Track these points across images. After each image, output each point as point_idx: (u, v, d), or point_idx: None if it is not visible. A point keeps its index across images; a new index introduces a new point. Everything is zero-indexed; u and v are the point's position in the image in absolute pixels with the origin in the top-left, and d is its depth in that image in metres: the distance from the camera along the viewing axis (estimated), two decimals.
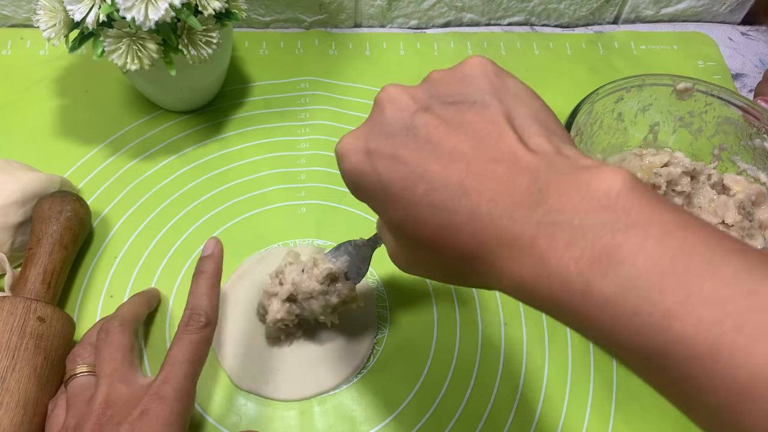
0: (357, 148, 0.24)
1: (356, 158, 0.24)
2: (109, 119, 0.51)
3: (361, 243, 0.37)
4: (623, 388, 0.40)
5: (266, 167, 0.49)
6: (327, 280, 0.37)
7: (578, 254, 0.19)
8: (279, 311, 0.37)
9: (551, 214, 0.20)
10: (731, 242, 0.18)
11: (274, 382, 0.39)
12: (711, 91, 0.45)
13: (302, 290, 0.37)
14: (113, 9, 0.39)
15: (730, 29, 0.64)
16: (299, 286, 0.37)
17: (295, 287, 0.37)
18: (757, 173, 0.45)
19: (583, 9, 0.62)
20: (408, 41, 0.60)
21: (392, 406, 0.39)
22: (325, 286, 0.37)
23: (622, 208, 0.19)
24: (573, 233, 0.19)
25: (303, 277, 0.37)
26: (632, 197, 0.19)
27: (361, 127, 0.25)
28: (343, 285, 0.37)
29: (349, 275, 0.37)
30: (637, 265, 0.18)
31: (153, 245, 0.45)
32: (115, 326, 0.34)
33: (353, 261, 0.37)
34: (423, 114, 0.23)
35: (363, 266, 0.37)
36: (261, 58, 0.57)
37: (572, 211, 0.20)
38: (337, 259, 0.37)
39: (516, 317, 0.43)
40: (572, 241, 0.19)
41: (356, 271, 0.37)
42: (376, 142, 0.24)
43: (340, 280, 0.37)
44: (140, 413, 0.29)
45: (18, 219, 0.41)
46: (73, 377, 0.34)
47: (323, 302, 0.37)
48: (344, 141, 0.25)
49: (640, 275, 0.18)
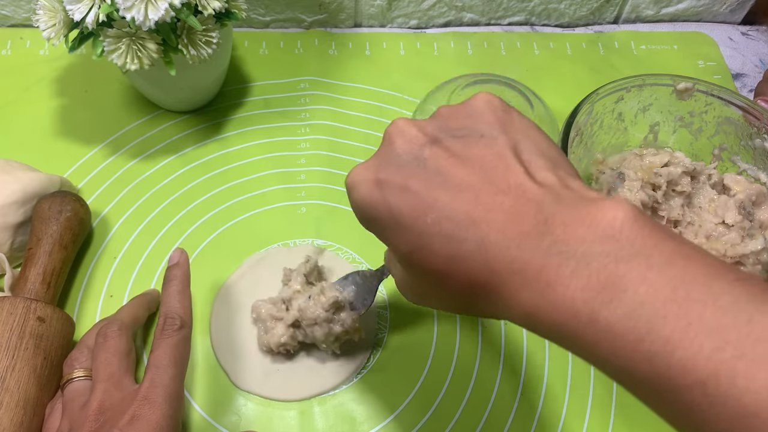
0: (367, 179, 0.25)
1: (366, 189, 0.25)
2: (109, 119, 0.51)
3: (368, 274, 0.38)
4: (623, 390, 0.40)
5: (266, 167, 0.49)
6: (332, 308, 0.37)
7: (583, 283, 0.19)
8: (283, 335, 0.38)
9: (557, 244, 0.20)
10: (732, 272, 0.19)
11: (274, 382, 0.39)
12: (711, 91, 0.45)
13: (307, 316, 0.37)
14: (113, 9, 0.39)
15: (730, 29, 0.64)
16: (305, 312, 0.37)
17: (301, 313, 0.37)
18: (757, 173, 0.45)
19: (583, 9, 0.62)
20: (408, 41, 0.60)
21: (392, 406, 0.39)
22: (330, 314, 0.37)
23: (626, 238, 0.20)
24: (578, 263, 0.20)
25: (309, 304, 0.37)
26: (635, 228, 0.20)
27: (371, 159, 0.26)
28: (347, 315, 0.37)
29: (354, 305, 0.38)
30: (640, 293, 0.18)
31: (153, 245, 0.44)
32: (113, 330, 0.34)
33: (359, 291, 0.38)
34: (432, 146, 0.24)
35: (368, 297, 0.38)
36: (261, 58, 0.57)
37: (577, 241, 0.20)
38: (344, 289, 0.38)
39: None
40: (577, 270, 0.20)
41: (361, 302, 0.38)
42: (386, 173, 0.24)
43: (345, 310, 0.38)
44: (130, 418, 0.29)
45: (18, 219, 0.41)
46: (70, 382, 0.34)
47: (326, 330, 0.37)
48: (354, 172, 0.26)
49: (643, 303, 0.18)
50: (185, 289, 0.36)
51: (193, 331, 0.35)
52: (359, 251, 0.45)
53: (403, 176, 0.24)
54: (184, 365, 0.33)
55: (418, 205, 0.23)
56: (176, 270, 0.36)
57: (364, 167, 0.26)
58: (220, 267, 0.44)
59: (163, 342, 0.32)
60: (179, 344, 0.33)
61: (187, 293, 0.35)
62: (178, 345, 0.33)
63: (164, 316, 0.34)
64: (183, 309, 0.34)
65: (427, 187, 0.23)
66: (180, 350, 0.33)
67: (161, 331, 0.33)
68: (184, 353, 0.33)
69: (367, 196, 0.25)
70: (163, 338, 0.33)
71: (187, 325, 0.34)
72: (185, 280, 0.36)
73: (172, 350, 0.32)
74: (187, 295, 0.35)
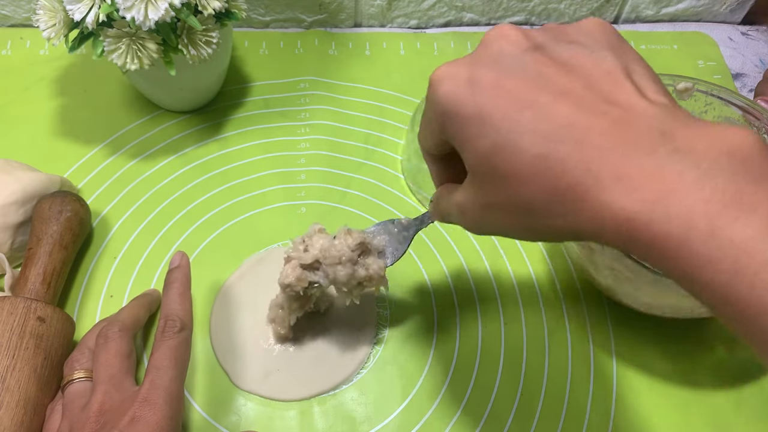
0: (457, 75, 0.23)
1: (454, 84, 0.23)
2: (109, 119, 0.51)
3: (405, 222, 0.36)
4: (623, 387, 0.40)
5: (266, 167, 0.49)
6: (359, 249, 0.35)
7: (708, 195, 0.18)
8: (289, 276, 0.35)
9: (678, 152, 0.19)
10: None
11: (274, 382, 0.39)
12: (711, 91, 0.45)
13: (331, 254, 0.35)
14: (113, 9, 0.39)
15: (730, 29, 0.64)
16: (329, 250, 0.35)
17: (324, 252, 0.35)
18: None
19: (583, 9, 0.62)
20: (408, 41, 0.60)
21: (392, 406, 0.39)
22: (355, 255, 0.35)
23: (755, 161, 0.18)
24: (702, 174, 0.18)
25: (333, 243, 0.35)
26: (764, 154, 0.19)
27: (464, 57, 0.24)
28: (374, 261, 0.35)
29: (383, 255, 0.36)
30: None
31: (153, 245, 0.45)
32: (114, 332, 0.34)
33: (391, 241, 0.36)
34: (536, 52, 0.22)
35: (401, 248, 0.36)
36: (261, 58, 0.57)
37: (702, 152, 0.19)
38: (374, 237, 0.36)
39: (516, 317, 0.43)
40: (701, 180, 0.18)
41: (392, 252, 0.36)
42: (480, 71, 0.23)
43: (371, 255, 0.35)
44: (131, 420, 0.29)
45: (18, 219, 0.41)
46: (70, 383, 0.34)
47: (350, 271, 0.35)
48: (443, 68, 0.24)
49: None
50: (186, 292, 0.36)
51: (193, 331, 0.35)
52: None
53: (498, 75, 0.22)
54: (184, 367, 0.33)
55: (511, 103, 0.21)
56: (177, 273, 0.36)
57: (454, 63, 0.24)
58: (220, 267, 0.44)
59: (163, 344, 0.33)
60: (179, 346, 0.33)
61: (187, 296, 0.36)
62: (178, 347, 0.33)
63: (165, 318, 0.34)
64: (183, 311, 0.34)
65: (525, 87, 0.21)
66: (180, 352, 0.33)
67: (162, 333, 0.33)
68: (185, 355, 0.33)
69: (453, 92, 0.23)
70: (163, 340, 0.33)
71: (187, 327, 0.34)
72: (186, 283, 0.36)
73: (173, 352, 0.32)
74: (187, 297, 0.35)
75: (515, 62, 0.22)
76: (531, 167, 0.21)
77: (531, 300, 0.44)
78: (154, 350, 0.32)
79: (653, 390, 0.40)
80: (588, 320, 0.43)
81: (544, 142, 0.21)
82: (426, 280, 0.44)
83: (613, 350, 0.42)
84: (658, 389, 0.40)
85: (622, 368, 0.41)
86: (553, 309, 0.43)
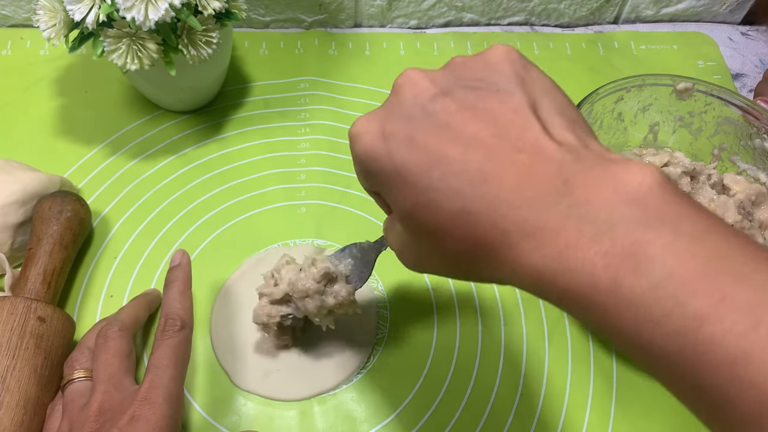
0: (371, 131, 0.24)
1: (370, 140, 0.23)
2: (109, 119, 0.51)
3: (366, 246, 0.37)
4: (623, 387, 0.40)
5: (266, 167, 0.49)
6: (324, 279, 0.36)
7: (606, 249, 0.18)
8: (260, 315, 0.37)
9: (578, 205, 0.19)
10: (762, 250, 0.17)
11: (274, 382, 0.39)
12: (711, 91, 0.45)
13: (298, 289, 0.36)
14: (113, 9, 0.39)
15: (730, 29, 0.64)
16: (295, 284, 0.36)
17: (291, 286, 0.36)
18: (757, 173, 0.45)
19: (583, 9, 0.62)
20: (408, 41, 0.60)
21: (392, 406, 0.39)
22: (321, 285, 0.36)
23: (653, 204, 0.18)
24: (600, 226, 0.18)
25: (299, 276, 0.36)
26: (664, 195, 0.18)
27: (377, 109, 0.24)
28: (341, 287, 0.36)
29: (350, 279, 0.37)
30: (668, 264, 0.17)
31: (153, 245, 0.45)
32: (113, 331, 0.34)
33: (357, 265, 0.37)
34: (443, 98, 0.22)
35: (366, 270, 0.37)
36: (261, 58, 0.57)
37: (600, 203, 0.19)
38: (340, 262, 0.36)
39: (516, 317, 0.43)
40: (600, 234, 0.18)
41: (358, 275, 0.37)
42: (392, 125, 0.23)
43: (338, 282, 0.36)
44: (130, 419, 0.29)
45: (18, 219, 0.41)
46: (70, 383, 0.34)
47: (318, 302, 0.36)
48: (358, 123, 0.24)
49: (671, 274, 0.17)
50: (186, 291, 0.36)
51: (193, 331, 0.35)
52: None
53: (410, 129, 0.22)
54: (184, 366, 0.33)
55: (424, 159, 0.21)
56: (178, 271, 0.36)
57: (368, 118, 0.24)
58: (220, 267, 0.44)
59: (163, 343, 0.33)
60: (179, 345, 0.33)
61: (188, 294, 0.35)
62: (178, 346, 0.33)
63: (165, 316, 0.34)
64: (184, 310, 0.34)
65: (436, 141, 0.21)
66: (180, 351, 0.33)
67: (162, 332, 0.33)
68: (185, 354, 0.33)
69: (370, 149, 0.23)
70: (163, 339, 0.33)
71: (187, 326, 0.34)
72: (186, 282, 0.36)
73: (173, 351, 0.32)
74: (188, 296, 0.35)
75: (424, 113, 0.22)
76: (450, 223, 0.21)
77: (531, 300, 0.44)
78: (154, 349, 0.32)
79: (653, 390, 0.40)
80: None
81: (458, 199, 0.21)
82: (426, 280, 0.44)
83: (613, 350, 0.42)
84: (658, 389, 0.40)
85: (622, 368, 0.41)
86: (552, 309, 0.43)
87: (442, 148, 0.21)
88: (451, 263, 0.23)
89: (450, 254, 0.23)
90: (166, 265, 0.43)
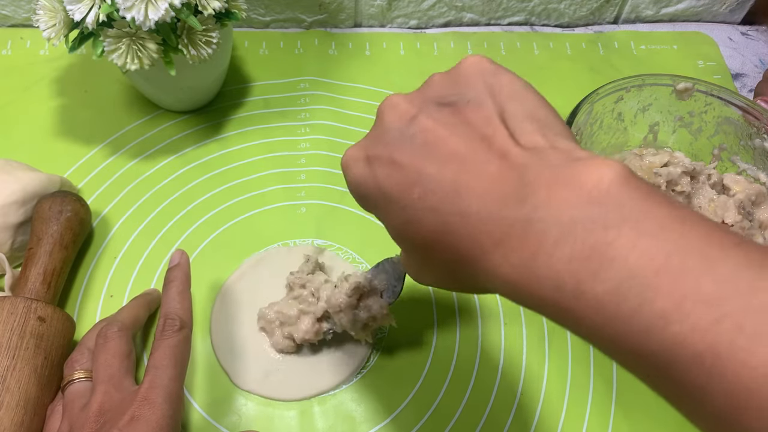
0: (358, 158, 0.25)
1: (357, 168, 0.25)
2: (109, 119, 0.51)
3: (396, 260, 0.37)
4: (623, 387, 0.40)
5: (266, 167, 0.49)
6: (355, 293, 0.37)
7: (568, 253, 0.18)
8: (309, 332, 0.38)
9: (538, 209, 0.19)
10: (730, 237, 0.17)
11: (274, 382, 0.39)
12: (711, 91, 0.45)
13: (332, 303, 0.37)
14: (113, 9, 0.39)
15: (730, 29, 0.64)
16: (330, 299, 0.37)
17: (328, 302, 0.37)
18: (757, 173, 0.45)
19: (583, 9, 0.62)
20: (408, 41, 0.60)
21: (392, 406, 0.39)
22: (353, 300, 0.37)
23: (613, 201, 0.18)
24: (562, 230, 0.18)
25: (334, 292, 0.37)
26: (625, 190, 0.18)
27: (364, 138, 0.26)
28: (374, 302, 0.37)
29: (385, 293, 0.37)
30: (630, 263, 0.17)
31: (153, 245, 0.45)
32: (113, 332, 0.34)
33: (389, 279, 0.37)
34: (420, 118, 0.23)
35: (398, 284, 0.37)
36: (261, 58, 0.57)
37: (561, 205, 0.19)
38: (374, 277, 0.37)
39: (516, 317, 0.43)
40: (562, 238, 0.18)
41: (392, 289, 0.37)
42: (375, 150, 0.24)
43: (370, 297, 0.37)
44: (130, 419, 0.29)
45: (18, 219, 0.41)
46: (70, 383, 0.34)
47: (351, 317, 0.37)
48: (347, 153, 0.26)
49: (633, 275, 0.17)
50: (185, 291, 0.36)
51: (193, 331, 0.35)
52: (359, 251, 0.45)
53: (391, 151, 0.23)
54: (184, 366, 0.33)
55: (404, 178, 0.23)
56: (177, 271, 0.36)
57: (356, 147, 0.26)
58: (220, 267, 0.44)
59: (163, 343, 0.33)
60: (179, 345, 0.33)
61: (187, 294, 0.35)
62: (177, 346, 0.33)
63: (164, 317, 0.34)
64: (183, 310, 0.34)
65: (414, 161, 0.22)
66: (180, 351, 0.33)
67: (161, 332, 0.33)
68: (184, 354, 0.33)
69: (358, 175, 0.25)
70: (163, 339, 0.33)
71: (187, 326, 0.34)
72: (185, 281, 0.36)
73: (172, 351, 0.32)
74: (187, 296, 0.35)
75: (403, 135, 0.23)
76: (434, 239, 0.22)
77: None
78: (153, 349, 0.32)
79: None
80: None
81: (436, 215, 0.22)
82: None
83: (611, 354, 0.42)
84: None
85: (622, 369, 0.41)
86: None
87: (420, 167, 0.22)
88: (444, 275, 0.24)
89: (440, 267, 0.24)
90: (165, 264, 0.43)
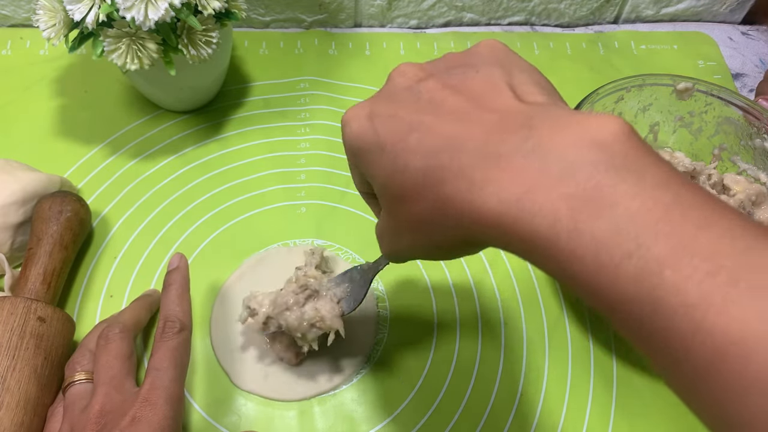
0: (360, 114, 0.25)
1: (357, 122, 0.25)
2: (109, 119, 0.51)
3: (366, 267, 0.37)
4: (623, 387, 0.40)
5: (266, 167, 0.49)
6: (301, 290, 0.36)
7: (569, 191, 0.18)
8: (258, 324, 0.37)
9: (541, 146, 0.19)
10: (724, 204, 0.18)
11: (274, 383, 0.39)
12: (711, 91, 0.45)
13: (278, 303, 0.36)
14: (113, 9, 0.39)
15: (730, 29, 0.64)
16: (276, 300, 0.36)
17: (272, 306, 0.37)
18: (757, 173, 0.45)
19: (583, 9, 0.62)
20: (408, 41, 0.60)
21: (392, 406, 0.39)
22: (299, 297, 0.36)
23: (618, 150, 0.18)
24: (564, 167, 0.18)
25: (279, 293, 0.37)
26: (629, 143, 0.19)
27: (369, 98, 0.26)
28: (324, 305, 0.36)
29: (344, 301, 0.37)
30: (631, 209, 0.17)
31: (153, 245, 0.45)
32: (114, 333, 0.34)
33: (354, 288, 0.37)
34: (428, 80, 0.24)
35: (361, 291, 0.37)
36: (261, 58, 0.57)
37: (565, 146, 0.19)
38: (337, 285, 0.37)
39: (516, 317, 0.43)
40: (563, 176, 0.18)
41: (353, 297, 0.37)
42: (379, 107, 0.24)
43: (320, 299, 0.36)
44: (131, 420, 0.29)
45: (18, 219, 0.41)
46: (72, 384, 0.34)
47: (298, 314, 0.36)
48: (349, 110, 0.26)
49: (633, 220, 0.17)
50: (185, 293, 0.36)
51: (193, 331, 0.35)
52: (359, 251, 0.45)
53: (394, 107, 0.24)
54: (184, 367, 0.33)
55: (403, 128, 0.23)
56: (176, 274, 0.36)
57: (359, 105, 0.26)
58: (220, 267, 0.44)
59: (163, 345, 0.33)
60: (179, 347, 0.33)
61: (186, 297, 0.36)
62: (177, 347, 0.33)
63: (164, 319, 0.34)
64: (182, 312, 0.34)
65: (415, 113, 0.23)
66: (180, 352, 0.33)
67: (161, 334, 0.33)
68: (184, 355, 0.33)
69: (357, 130, 0.25)
70: (163, 341, 0.33)
71: (186, 328, 0.34)
72: (185, 284, 0.36)
73: (172, 353, 0.32)
74: (186, 298, 0.35)
75: (410, 93, 0.24)
76: (418, 183, 0.22)
77: (531, 300, 0.44)
78: (153, 351, 0.33)
79: (653, 390, 0.40)
80: (588, 320, 0.43)
81: (426, 157, 0.22)
82: (426, 280, 0.44)
83: (613, 350, 0.42)
84: (658, 389, 0.40)
85: (622, 368, 0.41)
86: (553, 309, 0.43)
87: (419, 118, 0.23)
88: (423, 231, 0.24)
89: (420, 220, 0.23)
90: (165, 265, 0.43)
